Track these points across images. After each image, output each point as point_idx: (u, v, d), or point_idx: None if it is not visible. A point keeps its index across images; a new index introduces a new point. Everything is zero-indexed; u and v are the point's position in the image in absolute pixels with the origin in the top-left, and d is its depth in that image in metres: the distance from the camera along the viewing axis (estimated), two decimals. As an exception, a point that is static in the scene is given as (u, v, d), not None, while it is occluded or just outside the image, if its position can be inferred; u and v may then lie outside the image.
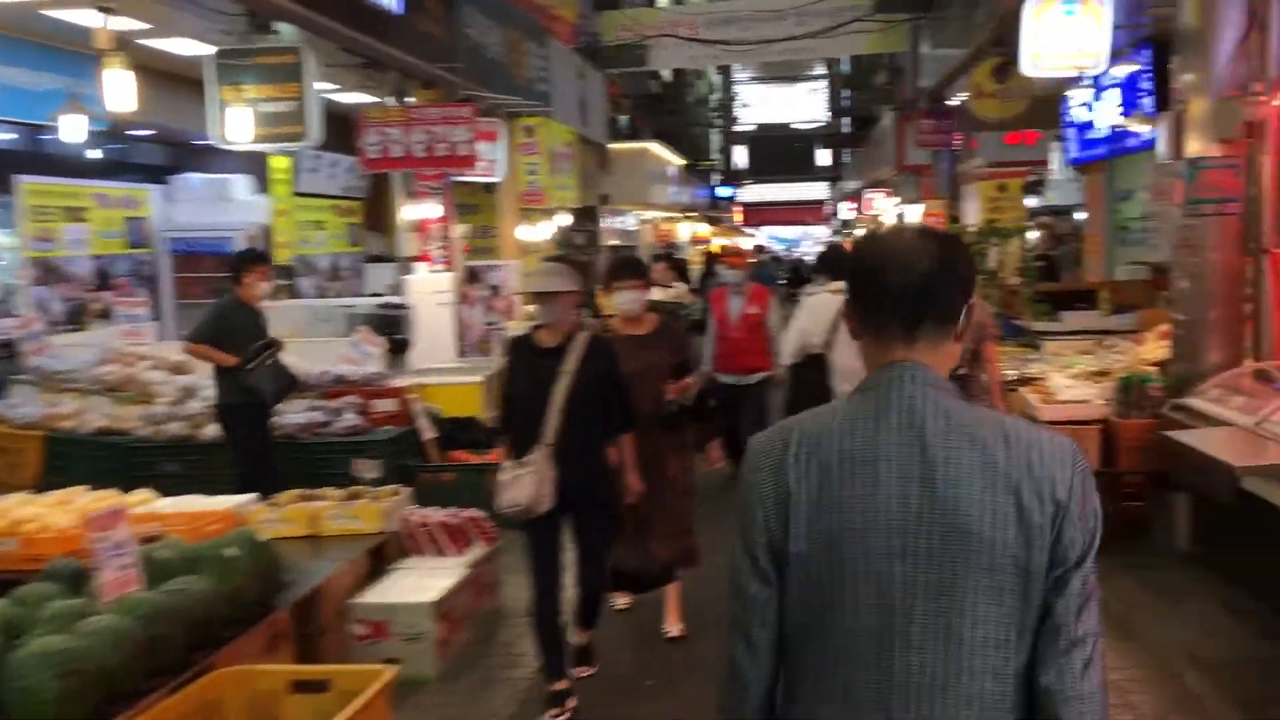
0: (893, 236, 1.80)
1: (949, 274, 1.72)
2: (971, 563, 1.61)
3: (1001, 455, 1.63)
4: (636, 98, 24.89)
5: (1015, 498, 1.62)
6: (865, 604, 1.65)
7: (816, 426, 1.72)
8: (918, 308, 1.70)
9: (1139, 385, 6.33)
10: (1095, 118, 12.72)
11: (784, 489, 1.69)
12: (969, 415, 1.68)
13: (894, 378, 1.70)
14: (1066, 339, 9.89)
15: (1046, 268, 12.97)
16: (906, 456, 1.65)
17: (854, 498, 1.65)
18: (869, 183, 28.68)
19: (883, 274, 1.72)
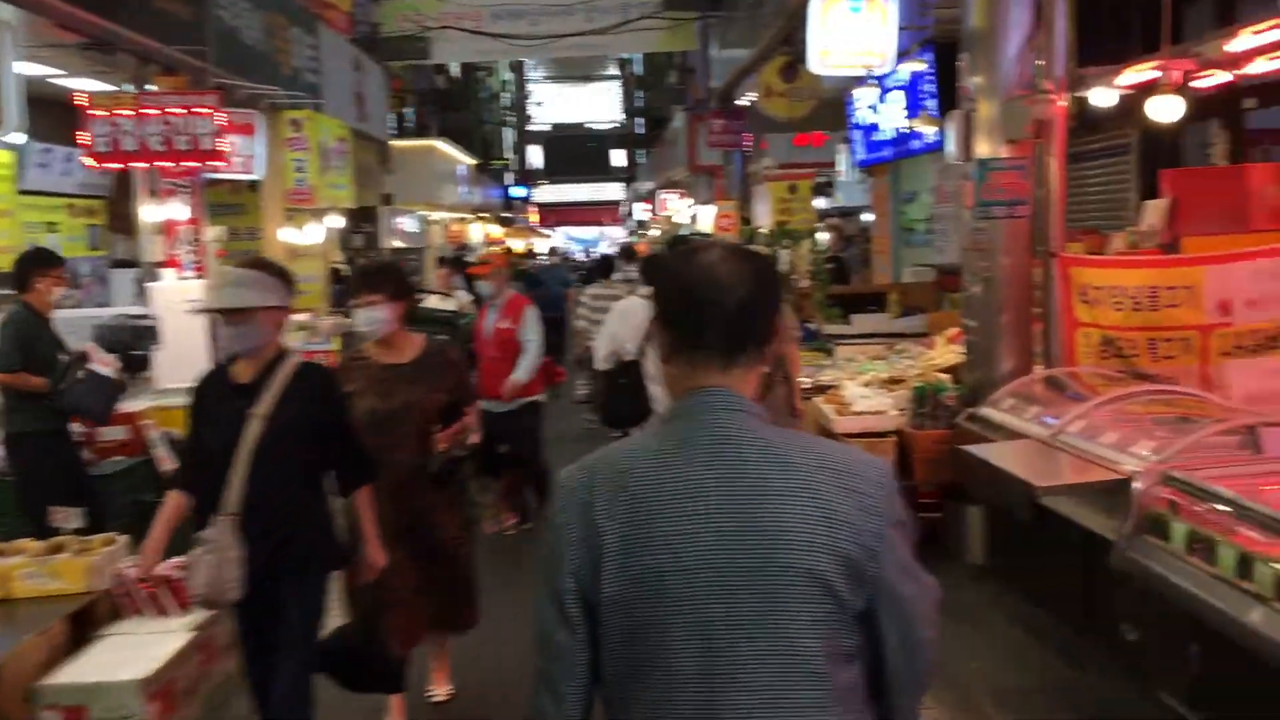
0: (708, 259, 1.71)
1: (766, 298, 1.70)
2: (794, 591, 1.58)
3: (816, 479, 1.61)
4: (422, 93, 23.95)
5: (831, 522, 1.59)
6: (686, 646, 1.59)
7: (625, 460, 1.67)
8: (738, 335, 1.67)
9: (933, 395, 6.08)
10: (881, 120, 12.77)
11: (593, 530, 1.63)
12: (781, 440, 1.66)
13: (705, 405, 1.66)
14: (858, 343, 9.76)
15: (836, 270, 12.94)
16: (720, 488, 1.60)
17: (668, 534, 1.60)
18: (663, 183, 28.60)
19: (703, 301, 1.66)
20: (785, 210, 9.98)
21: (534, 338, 7.08)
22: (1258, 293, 5.76)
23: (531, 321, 7.15)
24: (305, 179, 11.30)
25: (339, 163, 12.37)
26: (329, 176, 11.89)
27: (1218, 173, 6.58)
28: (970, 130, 5.90)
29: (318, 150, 11.39)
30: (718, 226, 14.58)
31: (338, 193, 12.24)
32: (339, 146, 12.39)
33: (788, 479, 1.61)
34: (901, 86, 11.69)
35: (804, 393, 7.93)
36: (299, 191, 11.30)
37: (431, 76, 24.48)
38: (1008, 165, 5.77)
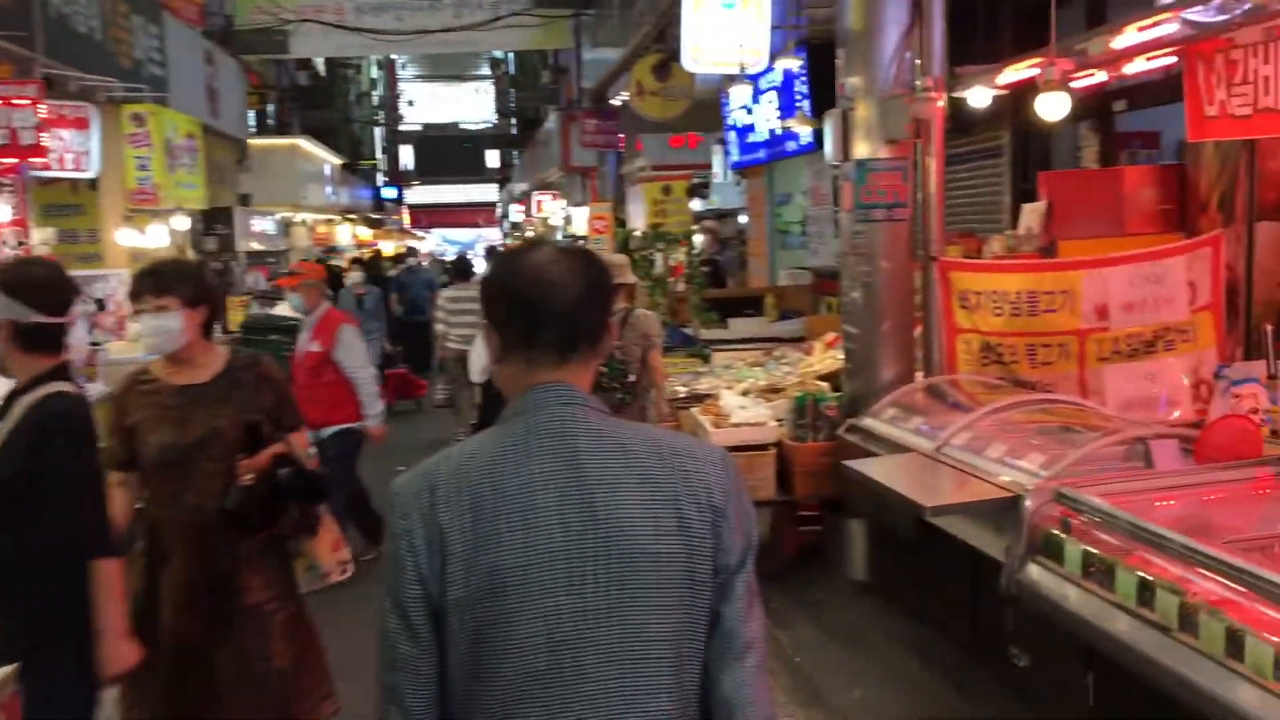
0: (538, 258, 1.73)
1: (597, 294, 1.72)
2: (641, 582, 1.60)
3: (657, 468, 1.64)
4: (285, 89, 23.03)
5: (675, 509, 1.62)
6: (535, 644, 1.58)
7: (465, 461, 1.65)
8: (573, 330, 1.69)
9: (814, 405, 5.84)
10: (755, 121, 12.62)
11: (436, 532, 1.61)
12: (621, 431, 1.69)
13: (542, 401, 1.67)
14: (735, 348, 9.54)
15: (712, 273, 12.74)
16: (563, 481, 1.61)
17: (512, 531, 1.59)
18: (537, 185, 28.16)
19: (538, 298, 1.68)
20: (660, 212, 9.70)
21: (358, 363, 6.45)
22: (1134, 297, 5.68)
23: (349, 344, 6.47)
24: (149, 177, 10.58)
25: (188, 161, 11.64)
26: (177, 175, 11.17)
27: (1093, 176, 6.51)
28: (848, 130, 5.67)
29: (163, 147, 10.67)
30: (592, 229, 14.22)
31: (187, 192, 11.52)
32: (188, 143, 11.67)
33: (629, 467, 1.64)
34: (775, 88, 11.54)
35: (680, 402, 7.66)
36: (142, 191, 10.59)
37: (293, 72, 23.56)
38: (887, 166, 5.55)
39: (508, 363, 1.72)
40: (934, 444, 4.78)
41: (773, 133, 11.93)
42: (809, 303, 10.77)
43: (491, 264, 2.04)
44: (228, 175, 15.21)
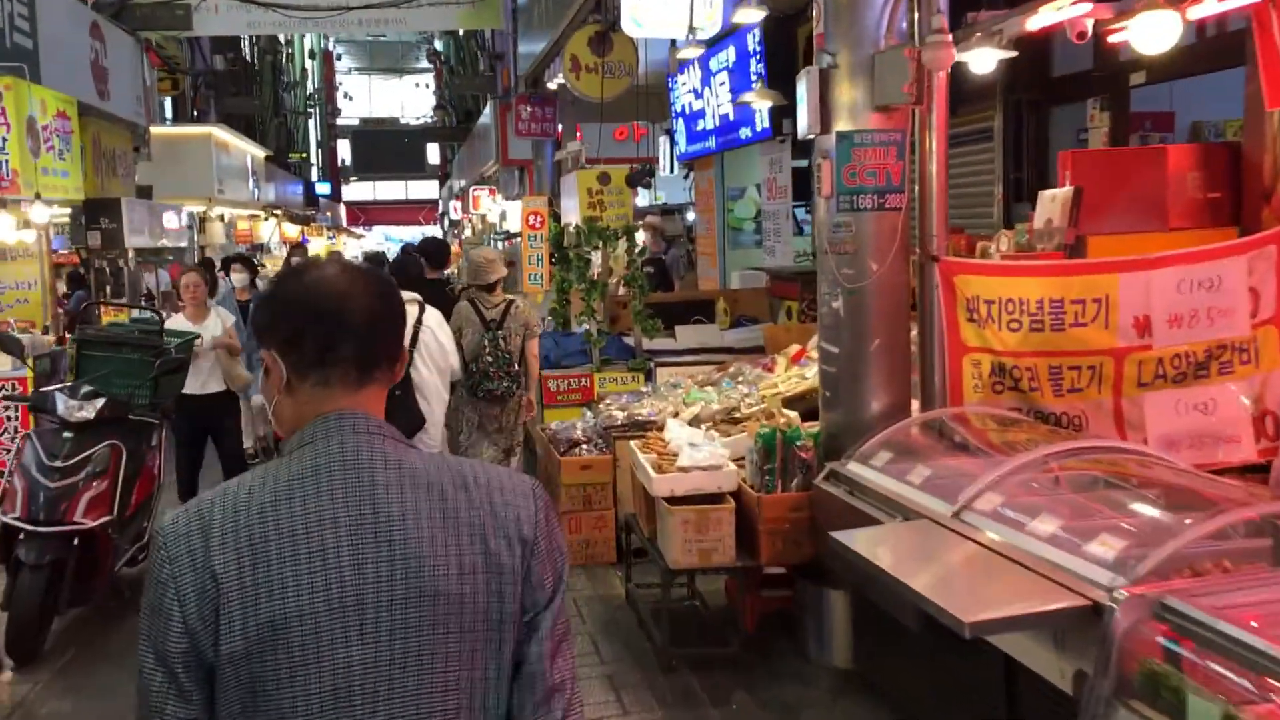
0: (326, 271, 1.58)
1: (392, 310, 1.60)
2: (440, 625, 1.47)
3: (463, 501, 1.52)
4: (200, 74, 21.42)
5: (482, 544, 1.51)
6: (320, 701, 1.42)
7: (243, 498, 1.47)
8: (373, 350, 1.56)
9: (783, 444, 4.59)
10: (705, 105, 11.42)
11: (208, 579, 1.42)
12: (422, 463, 1.54)
13: (332, 429, 1.51)
14: (683, 361, 8.31)
15: (657, 274, 11.50)
16: (356, 518, 1.46)
17: (297, 576, 1.42)
18: (475, 180, 26.75)
19: (332, 311, 1.53)
20: (596, 204, 8.42)
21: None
22: (1182, 307, 4.56)
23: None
24: (4, 161, 9.10)
25: (60, 144, 10.15)
26: (43, 160, 9.68)
27: (1130, 156, 5.33)
28: (827, 94, 4.43)
29: (22, 126, 9.19)
30: (526, 224, 12.95)
31: (57, 180, 10.02)
32: (59, 124, 10.17)
33: (429, 501, 1.50)
34: (728, 68, 10.35)
35: (617, 430, 6.41)
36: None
37: (209, 56, 21.93)
38: (878, 140, 4.32)
39: (295, 392, 1.55)
40: (949, 507, 3.56)
41: (724, 119, 10.74)
42: (766, 308, 9.57)
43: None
44: (121, 164, 13.69)
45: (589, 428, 6.64)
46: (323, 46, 48.23)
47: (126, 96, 13.76)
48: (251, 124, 27.98)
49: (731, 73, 10.23)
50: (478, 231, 29.16)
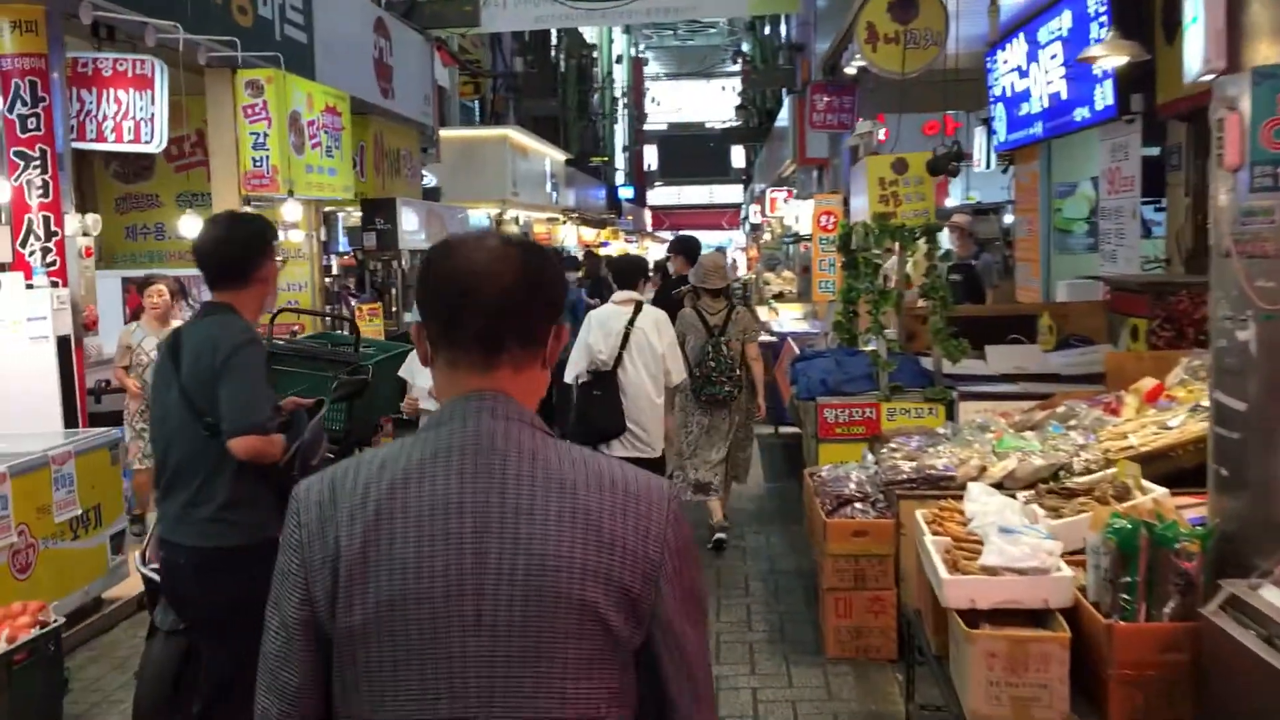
0: (470, 246, 1.53)
1: (533, 290, 1.51)
2: (559, 629, 1.40)
3: (595, 502, 1.44)
4: (500, 76, 21.41)
5: (609, 552, 1.42)
6: (434, 688, 1.39)
7: (374, 471, 1.45)
8: (497, 328, 1.49)
9: (1150, 544, 3.02)
10: (1031, 84, 9.63)
11: (332, 549, 1.42)
12: (555, 454, 1.47)
13: (470, 410, 1.47)
14: (994, 390, 6.71)
15: (966, 283, 9.81)
16: (483, 504, 1.42)
17: (418, 556, 1.40)
18: (773, 181, 25.54)
19: (457, 289, 1.48)
20: (889, 198, 6.94)
21: None
22: None
23: None
24: (264, 158, 8.75)
25: (328, 141, 9.78)
26: (308, 156, 9.31)
27: None
28: (1239, 8, 2.84)
29: (283, 121, 8.81)
30: (817, 225, 11.62)
31: (323, 178, 9.65)
32: (328, 120, 9.81)
33: (560, 497, 1.43)
34: (1060, 37, 8.57)
35: (902, 485, 4.94)
36: (257, 174, 8.76)
37: (510, 58, 21.91)
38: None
39: (437, 363, 1.52)
40: None
41: (1054, 99, 8.93)
42: (1102, 327, 7.73)
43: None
44: (406, 164, 13.49)
45: (867, 479, 5.23)
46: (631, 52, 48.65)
47: (413, 96, 13.53)
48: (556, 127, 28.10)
49: (1066, 42, 8.46)
50: (776, 235, 27.94)
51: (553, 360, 1.55)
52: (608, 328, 6.32)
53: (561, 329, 1.56)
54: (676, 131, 56.68)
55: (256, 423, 3.19)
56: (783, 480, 8.88)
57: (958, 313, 7.38)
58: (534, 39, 25.52)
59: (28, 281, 6.37)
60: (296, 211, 8.64)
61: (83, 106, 6.91)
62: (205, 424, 3.23)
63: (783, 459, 9.88)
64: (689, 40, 52.26)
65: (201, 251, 3.39)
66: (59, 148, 6.47)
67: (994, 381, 7.00)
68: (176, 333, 3.44)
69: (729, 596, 6.17)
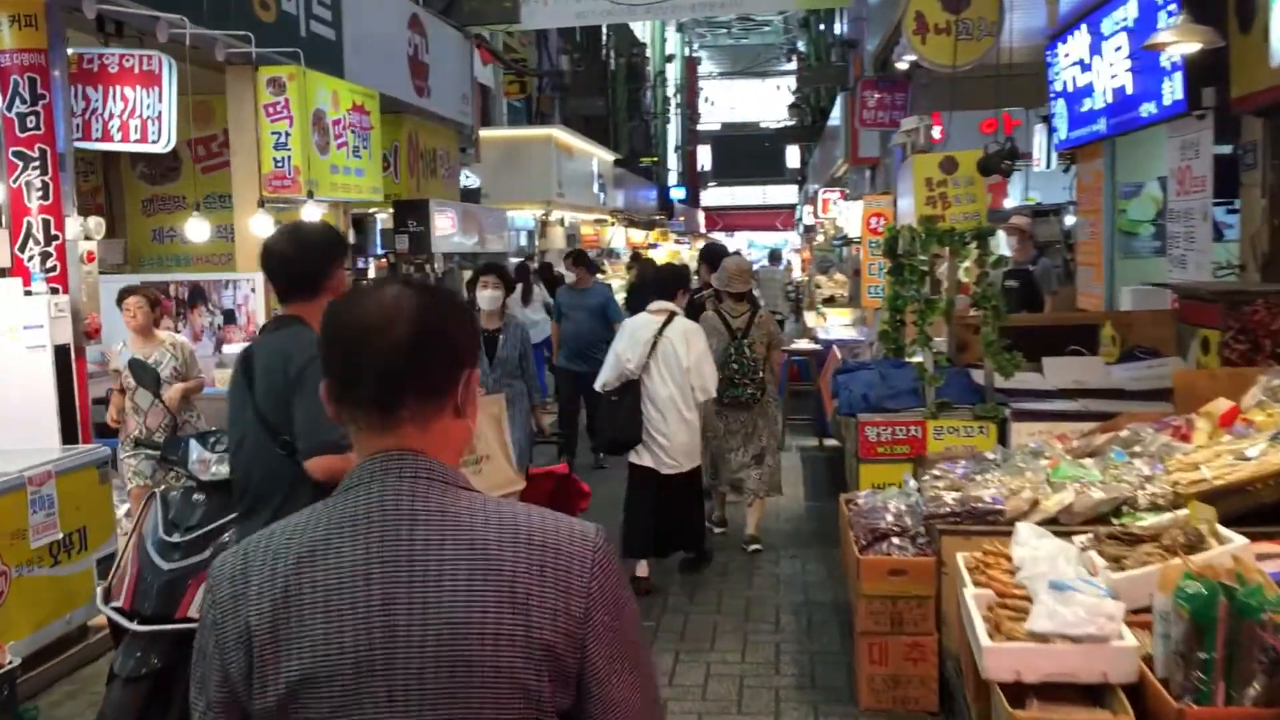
0: (362, 299, 1.45)
1: (430, 340, 1.42)
2: (477, 700, 1.32)
3: (508, 559, 1.35)
4: (546, 75, 21.08)
5: (525, 612, 1.33)
6: None
7: (283, 543, 1.39)
8: (391, 387, 1.40)
9: (1232, 618, 2.53)
10: (1094, 78, 9.05)
11: (243, 627, 1.36)
12: (470, 511, 1.39)
13: (376, 472, 1.40)
14: (1051, 408, 6.21)
15: (1022, 290, 9.25)
16: (391, 573, 1.34)
17: (327, 632, 1.33)
18: (826, 182, 24.96)
19: (346, 347, 1.42)
20: (937, 199, 6.42)
21: None
22: None
23: None
24: (286, 158, 8.44)
25: (355, 141, 9.47)
26: (333, 156, 9.00)
27: None
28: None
29: (305, 120, 8.50)
30: (867, 227, 11.13)
31: (350, 179, 9.33)
32: (356, 119, 9.49)
33: (470, 558, 1.35)
34: (1126, 28, 8.00)
35: (944, 518, 4.45)
36: (279, 175, 8.46)
37: (556, 56, 21.55)
38: None
39: (344, 424, 1.45)
40: None
41: (1119, 94, 8.35)
42: (1170, 338, 7.18)
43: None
44: (443, 165, 13.17)
45: (907, 509, 4.75)
46: (685, 51, 48.16)
47: (450, 94, 13.20)
48: (605, 127, 27.73)
49: (1132, 33, 7.89)
50: (828, 237, 27.34)
51: (467, 409, 1.45)
52: (637, 336, 6.26)
53: (473, 374, 1.46)
54: (730, 131, 56.06)
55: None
56: (823, 499, 8.39)
57: (1012, 322, 6.87)
58: (583, 37, 25.17)
59: (26, 288, 6.09)
60: (316, 214, 8.32)
61: (88, 104, 6.62)
62: (281, 443, 3.07)
63: (825, 475, 9.39)
64: (743, 39, 51.70)
65: (270, 262, 3.22)
66: (60, 148, 6.18)
67: (1051, 398, 6.49)
68: (248, 350, 3.28)
69: (757, 632, 5.70)
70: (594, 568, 1.38)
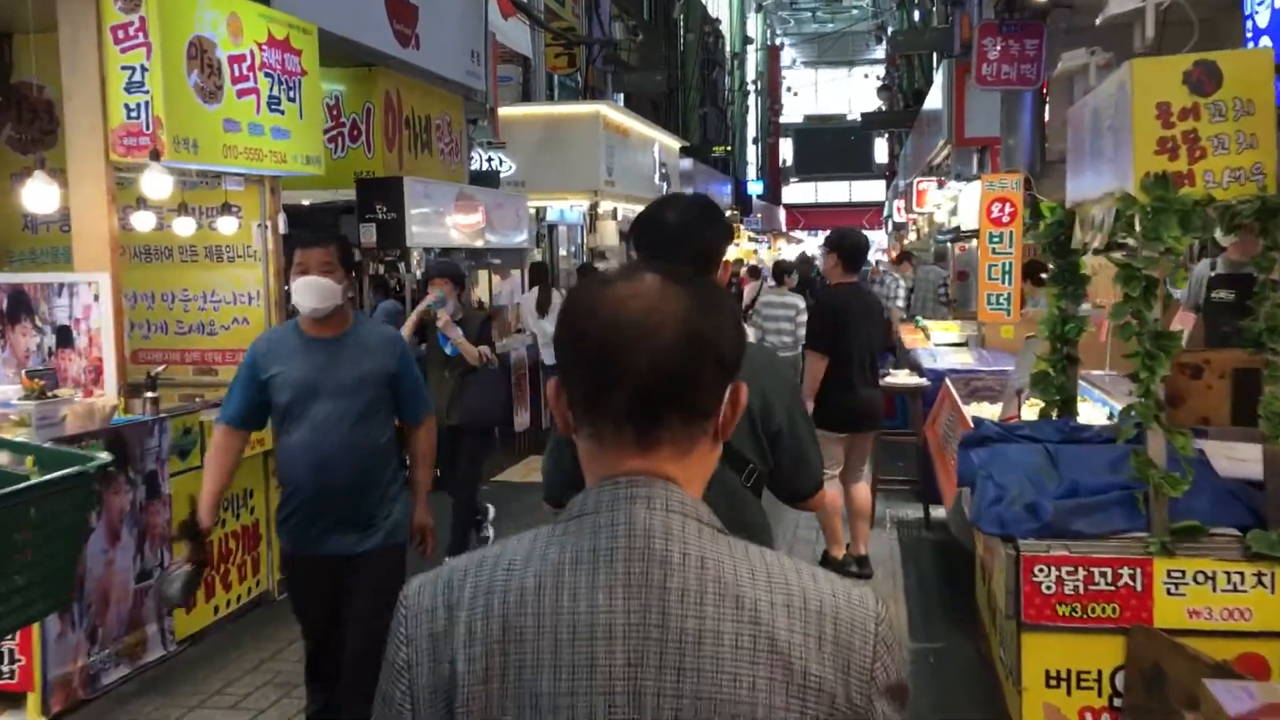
0: (617, 289, 1.16)
1: (701, 347, 1.15)
2: None
3: (782, 628, 1.09)
4: (598, 42, 18.23)
5: (800, 695, 1.08)
6: None
7: (502, 575, 1.14)
8: (653, 401, 1.14)
9: None
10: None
11: (446, 676, 1.12)
12: (734, 560, 1.13)
13: (621, 501, 1.14)
14: None
15: (1239, 305, 6.19)
16: (639, 628, 1.08)
17: (554, 692, 1.08)
18: (922, 171, 21.79)
19: (598, 350, 1.14)
20: (1177, 145, 3.45)
21: None
22: None
23: None
24: (141, 105, 5.76)
25: (275, 88, 6.74)
26: (228, 107, 6.27)
27: None
28: None
29: (177, 51, 5.81)
30: (987, 217, 8.24)
31: (263, 142, 6.59)
32: (275, 59, 6.76)
33: (737, 619, 1.09)
34: None
35: None
36: (130, 129, 5.77)
37: (608, 23, 18.64)
38: None
39: (579, 437, 1.20)
40: None
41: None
42: None
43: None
44: (441, 138, 10.45)
45: None
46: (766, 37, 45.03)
47: (450, 49, 10.43)
48: (672, 111, 24.85)
49: None
50: (923, 234, 24.12)
51: (728, 430, 1.19)
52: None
53: (739, 388, 1.19)
54: (814, 124, 52.77)
55: None
56: (942, 635, 5.36)
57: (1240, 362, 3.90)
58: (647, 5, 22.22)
59: None
60: (162, 186, 5.62)
61: None
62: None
63: (938, 580, 6.32)
64: (827, 24, 48.37)
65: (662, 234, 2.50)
66: None
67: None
68: None
69: None
70: (879, 645, 1.12)
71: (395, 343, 3.97)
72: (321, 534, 3.75)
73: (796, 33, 51.95)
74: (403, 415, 3.99)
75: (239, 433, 3.91)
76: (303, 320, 3.84)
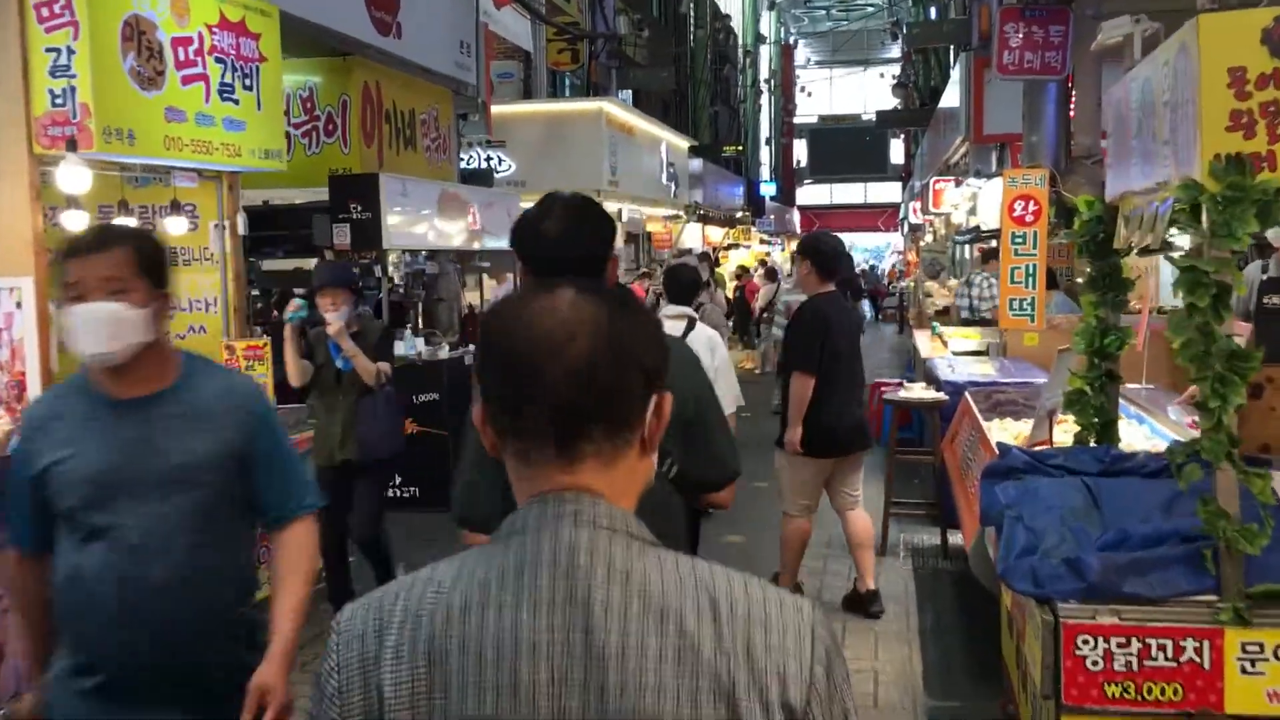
0: (535, 305, 1.17)
1: (621, 358, 1.15)
2: None
3: (708, 637, 1.09)
4: (602, 36, 17.61)
5: (728, 706, 1.07)
6: None
7: (431, 598, 1.13)
8: (574, 415, 1.14)
9: None
10: None
11: (374, 699, 1.11)
12: (662, 573, 1.12)
13: (547, 518, 1.14)
14: None
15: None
16: (563, 645, 1.08)
17: (480, 713, 1.08)
18: (939, 171, 21.11)
19: (517, 365, 1.14)
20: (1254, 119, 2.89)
21: None
22: None
23: None
24: (67, 90, 5.19)
25: (227, 75, 6.16)
26: (171, 94, 5.68)
27: None
28: None
29: (109, 31, 5.23)
30: (1009, 216, 7.65)
31: (210, 132, 6.00)
32: (226, 42, 6.17)
33: (660, 633, 1.09)
34: None
35: None
36: (56, 118, 5.19)
37: (612, 17, 18.01)
38: None
39: (507, 456, 1.19)
40: None
41: None
42: None
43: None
44: (427, 134, 9.87)
45: None
46: (779, 35, 44.34)
47: (437, 39, 9.84)
48: (680, 109, 24.24)
49: None
50: (940, 236, 23.43)
51: (654, 441, 1.18)
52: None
53: (663, 399, 1.18)
54: (828, 124, 52.04)
55: None
56: (961, 691, 4.70)
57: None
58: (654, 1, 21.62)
59: None
60: (78, 179, 5.04)
61: None
62: None
63: (957, 622, 5.65)
64: (841, 22, 47.65)
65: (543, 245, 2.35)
66: None
67: None
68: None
69: None
70: (817, 649, 1.12)
71: (250, 400, 2.53)
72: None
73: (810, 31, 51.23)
74: (264, 512, 2.55)
75: (40, 559, 2.44)
76: (93, 373, 2.39)
